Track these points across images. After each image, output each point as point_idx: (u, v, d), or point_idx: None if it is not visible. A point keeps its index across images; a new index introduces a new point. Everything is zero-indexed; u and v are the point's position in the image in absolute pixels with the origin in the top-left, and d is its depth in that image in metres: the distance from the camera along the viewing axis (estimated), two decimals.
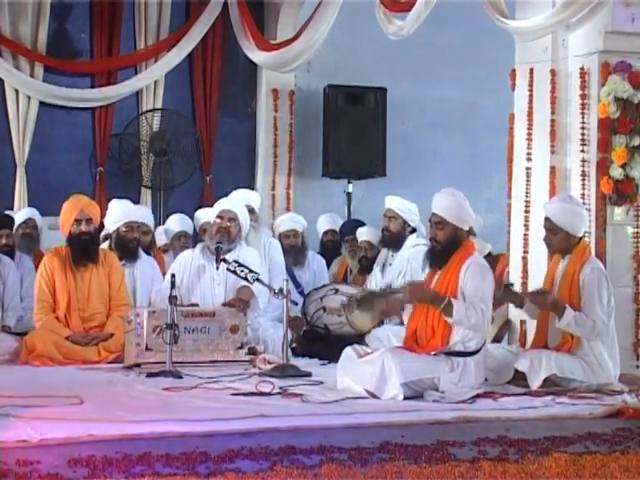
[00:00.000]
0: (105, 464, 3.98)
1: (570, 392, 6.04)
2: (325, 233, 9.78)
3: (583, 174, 7.19)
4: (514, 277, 7.47)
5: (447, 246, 6.13)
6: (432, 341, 5.99)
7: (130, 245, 8.00)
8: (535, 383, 6.05)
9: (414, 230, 8.01)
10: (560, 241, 6.39)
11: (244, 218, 7.69)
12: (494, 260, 8.11)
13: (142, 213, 8.80)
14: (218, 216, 7.61)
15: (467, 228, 6.21)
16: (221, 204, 7.74)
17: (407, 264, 7.60)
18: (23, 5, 10.02)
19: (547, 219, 6.43)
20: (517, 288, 6.97)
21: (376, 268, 7.98)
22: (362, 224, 8.98)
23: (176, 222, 9.35)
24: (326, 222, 9.80)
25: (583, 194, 7.16)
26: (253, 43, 10.24)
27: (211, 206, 8.17)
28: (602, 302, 6.22)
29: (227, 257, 7.30)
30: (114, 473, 3.87)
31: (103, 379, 6.58)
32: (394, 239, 7.92)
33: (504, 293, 6.51)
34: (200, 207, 10.01)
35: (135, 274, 8.01)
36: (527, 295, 6.45)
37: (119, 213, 8.01)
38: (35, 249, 8.70)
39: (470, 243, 6.22)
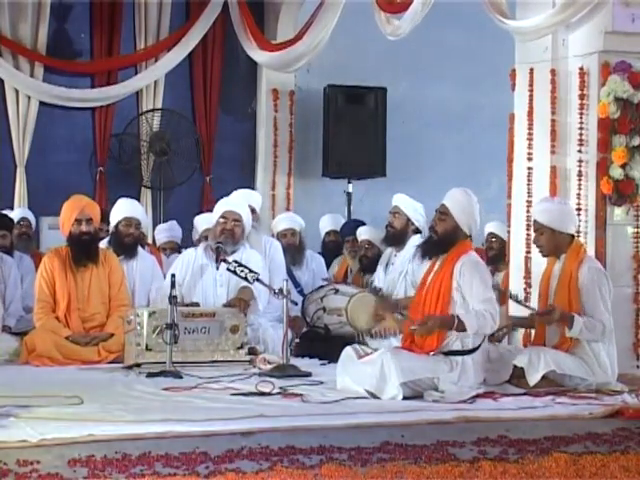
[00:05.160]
0: (105, 464, 3.99)
1: (570, 392, 6.04)
2: (327, 234, 9.77)
3: (583, 174, 7.18)
4: (516, 277, 7.40)
5: (443, 239, 6.12)
6: (428, 339, 5.99)
7: (126, 240, 7.99)
8: (533, 379, 6.04)
9: (419, 231, 7.99)
10: (548, 240, 6.37)
11: (247, 219, 7.68)
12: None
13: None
14: (222, 216, 7.58)
15: (468, 232, 6.16)
16: (224, 205, 7.69)
17: (408, 264, 7.58)
18: (23, 5, 10.02)
19: (534, 221, 6.44)
20: (521, 297, 6.89)
21: (379, 267, 7.96)
22: (362, 224, 8.97)
23: (163, 233, 9.38)
24: (328, 223, 9.80)
25: (582, 194, 7.15)
26: (254, 43, 10.24)
27: (211, 207, 8.17)
28: (605, 301, 6.22)
29: (228, 257, 7.30)
30: (114, 473, 3.88)
31: (103, 379, 6.58)
32: (397, 236, 7.89)
33: (513, 322, 6.60)
34: (200, 208, 10.02)
35: (134, 272, 8.00)
36: (534, 317, 6.36)
37: (119, 209, 8.08)
38: (32, 248, 8.70)
39: (467, 242, 6.19)
